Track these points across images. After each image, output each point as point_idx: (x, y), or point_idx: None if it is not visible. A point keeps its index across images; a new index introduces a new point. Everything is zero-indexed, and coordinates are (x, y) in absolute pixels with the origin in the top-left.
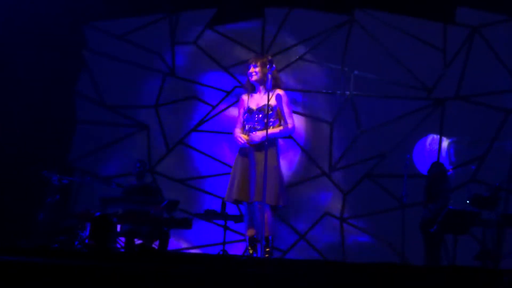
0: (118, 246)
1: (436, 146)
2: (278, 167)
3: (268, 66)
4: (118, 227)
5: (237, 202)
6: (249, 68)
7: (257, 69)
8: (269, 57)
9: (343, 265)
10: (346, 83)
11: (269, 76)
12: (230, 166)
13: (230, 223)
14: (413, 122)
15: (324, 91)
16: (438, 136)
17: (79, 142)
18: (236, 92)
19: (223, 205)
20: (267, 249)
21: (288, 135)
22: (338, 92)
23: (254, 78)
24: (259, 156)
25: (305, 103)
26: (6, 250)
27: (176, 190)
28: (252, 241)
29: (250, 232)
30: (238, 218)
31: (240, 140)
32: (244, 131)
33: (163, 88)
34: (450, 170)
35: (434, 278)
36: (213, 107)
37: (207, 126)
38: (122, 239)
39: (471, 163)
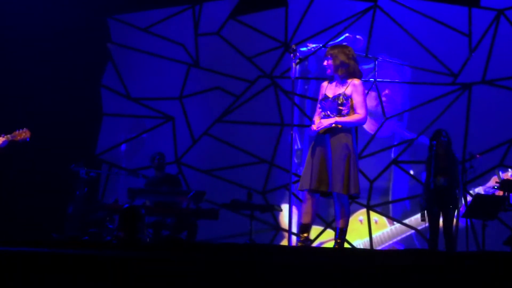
0: (147, 237)
1: None
2: (353, 154)
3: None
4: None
5: (312, 191)
6: (324, 61)
7: (330, 62)
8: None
9: (371, 253)
10: (371, 70)
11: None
12: (255, 156)
13: (257, 213)
14: (440, 107)
15: None
16: None
17: (105, 135)
18: (260, 82)
19: (249, 195)
20: (338, 240)
21: (359, 124)
22: (363, 79)
23: (328, 71)
24: (333, 143)
25: None
26: (40, 242)
27: (202, 180)
28: (305, 228)
29: (305, 220)
30: (264, 208)
31: (312, 127)
32: (321, 118)
33: (188, 79)
34: (477, 155)
35: (463, 264)
36: (237, 97)
37: (231, 117)
38: (150, 230)
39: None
